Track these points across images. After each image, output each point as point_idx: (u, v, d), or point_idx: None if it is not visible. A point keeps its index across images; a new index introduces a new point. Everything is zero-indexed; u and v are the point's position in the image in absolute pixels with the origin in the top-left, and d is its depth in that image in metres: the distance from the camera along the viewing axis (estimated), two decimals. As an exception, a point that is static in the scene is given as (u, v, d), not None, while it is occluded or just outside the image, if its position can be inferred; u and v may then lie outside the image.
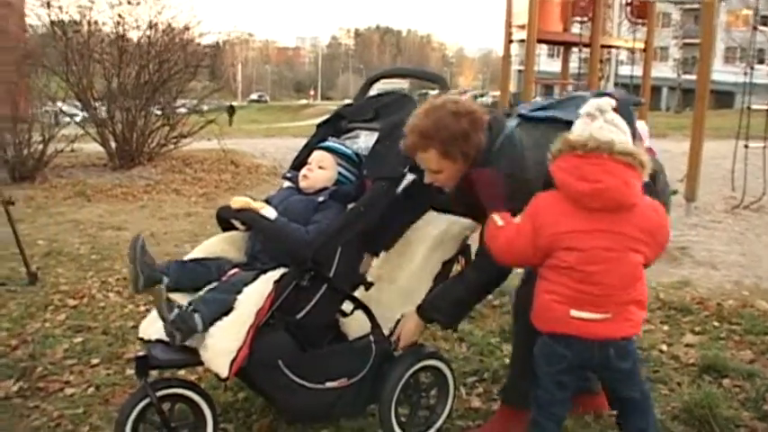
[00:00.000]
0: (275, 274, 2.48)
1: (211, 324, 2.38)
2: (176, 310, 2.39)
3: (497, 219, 2.39)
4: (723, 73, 34.87)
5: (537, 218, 2.29)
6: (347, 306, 2.73)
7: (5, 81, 9.05)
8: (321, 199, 2.66)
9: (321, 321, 2.66)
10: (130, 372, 3.44)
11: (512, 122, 2.57)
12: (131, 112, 10.18)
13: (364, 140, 2.84)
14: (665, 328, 4.04)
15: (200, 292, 2.55)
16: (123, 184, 9.34)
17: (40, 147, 9.36)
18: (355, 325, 2.75)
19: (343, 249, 2.58)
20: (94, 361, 3.60)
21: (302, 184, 2.76)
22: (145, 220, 7.34)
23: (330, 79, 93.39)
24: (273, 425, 2.87)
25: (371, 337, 2.71)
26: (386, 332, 2.73)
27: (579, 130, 2.26)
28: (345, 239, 2.57)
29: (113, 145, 10.39)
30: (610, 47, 11.66)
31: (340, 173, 2.76)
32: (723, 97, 38.06)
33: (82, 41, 10.00)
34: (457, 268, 2.92)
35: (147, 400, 2.45)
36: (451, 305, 2.69)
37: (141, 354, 2.51)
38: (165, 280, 2.45)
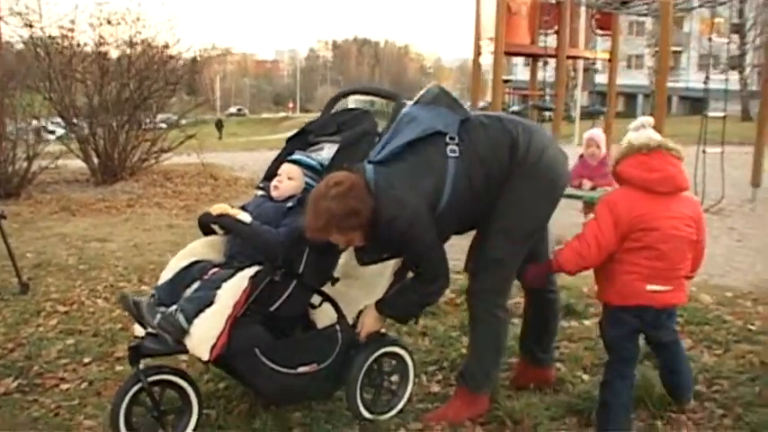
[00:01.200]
0: (251, 271, 2.81)
1: (195, 317, 2.71)
2: (159, 315, 2.73)
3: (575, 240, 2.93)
4: (698, 82, 35.63)
5: (615, 208, 2.83)
6: (316, 299, 3.07)
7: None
8: (290, 204, 2.99)
9: (293, 313, 3.01)
10: (120, 368, 3.75)
11: (370, 172, 2.80)
12: (113, 129, 10.46)
13: (327, 152, 3.18)
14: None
15: (186, 293, 2.88)
16: (107, 199, 9.60)
17: (25, 164, 9.61)
18: (323, 315, 3.08)
19: (310, 249, 2.90)
20: (86, 360, 3.89)
21: (274, 193, 3.10)
22: (128, 232, 7.62)
23: (309, 91, 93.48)
24: (252, 410, 3.18)
25: (338, 327, 3.04)
26: (350, 321, 3.07)
27: (635, 137, 2.90)
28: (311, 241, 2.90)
29: (96, 161, 10.66)
30: (576, 57, 12.13)
31: (307, 182, 3.08)
32: (697, 104, 38.84)
33: (65, 61, 10.29)
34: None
35: (139, 385, 2.78)
36: (405, 306, 3.08)
37: (133, 344, 2.83)
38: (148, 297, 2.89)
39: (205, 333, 2.67)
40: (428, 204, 2.80)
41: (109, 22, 10.57)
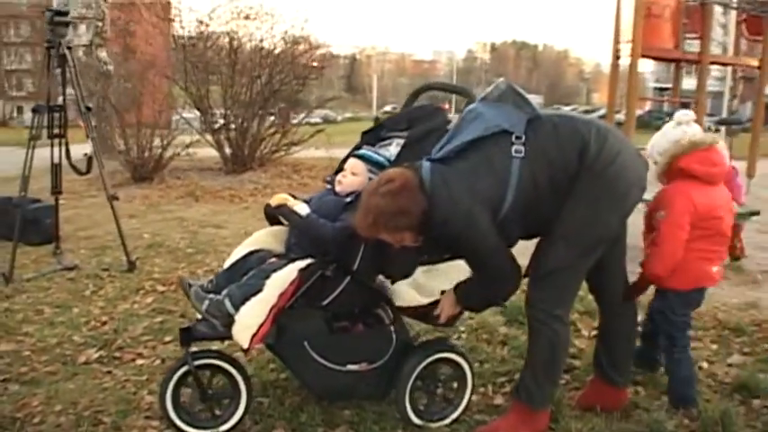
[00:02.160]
0: (302, 263, 2.77)
1: (242, 304, 2.72)
2: (207, 301, 2.76)
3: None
4: None
5: (691, 201, 3.02)
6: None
7: (132, 91, 9.96)
8: (349, 200, 2.93)
9: (346, 309, 2.96)
10: (195, 350, 3.85)
11: (427, 170, 2.68)
12: (245, 120, 10.86)
13: (395, 148, 3.09)
14: (714, 346, 4.00)
15: (243, 279, 2.90)
16: (233, 187, 9.98)
17: (160, 150, 10.19)
18: (405, 295, 2.99)
19: (366, 245, 2.83)
20: (167, 339, 4.02)
21: (337, 188, 3.05)
22: (244, 220, 7.86)
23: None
24: (303, 403, 3.16)
25: (392, 327, 2.96)
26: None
27: (692, 133, 3.20)
28: (368, 237, 2.83)
29: (228, 150, 11.10)
30: (722, 64, 11.28)
31: (370, 178, 2.99)
32: None
33: (198, 54, 10.79)
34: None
35: (186, 368, 2.83)
36: (475, 298, 2.93)
37: (184, 326, 2.88)
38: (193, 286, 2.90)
39: (247, 321, 2.66)
40: (489, 207, 2.64)
41: (246, 17, 10.98)
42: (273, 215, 3.19)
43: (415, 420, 2.98)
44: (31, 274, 5.35)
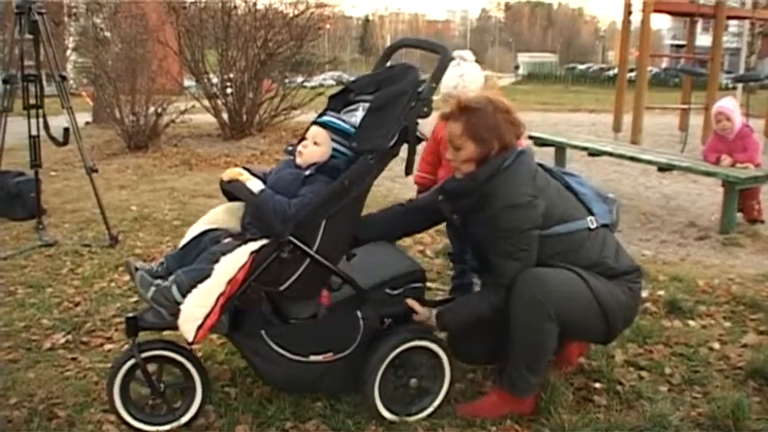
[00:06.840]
0: (254, 245, 2.48)
1: (189, 291, 2.44)
2: (153, 288, 2.49)
3: None
4: None
5: None
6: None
7: (126, 57, 9.62)
8: (307, 173, 2.62)
9: (306, 294, 2.68)
10: (168, 333, 3.58)
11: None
12: (243, 85, 10.48)
13: (362, 113, 2.76)
14: (727, 324, 3.68)
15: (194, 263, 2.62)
16: (230, 154, 9.65)
17: (154, 118, 9.86)
18: None
19: (327, 223, 2.54)
20: (140, 321, 3.77)
21: (297, 159, 2.73)
22: (238, 190, 7.59)
23: (479, 53, 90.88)
24: (274, 393, 2.90)
25: (359, 313, 2.68)
26: None
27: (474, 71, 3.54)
28: (329, 213, 2.53)
29: (225, 116, 10.76)
30: (739, 18, 10.77)
31: (335, 148, 2.70)
32: None
33: (190, 15, 10.39)
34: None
35: (132, 361, 2.57)
36: (470, 314, 2.75)
37: (131, 315, 2.62)
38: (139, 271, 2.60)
39: (192, 312, 2.38)
40: (544, 212, 2.59)
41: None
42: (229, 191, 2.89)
43: (387, 415, 2.71)
44: (9, 251, 5.12)
